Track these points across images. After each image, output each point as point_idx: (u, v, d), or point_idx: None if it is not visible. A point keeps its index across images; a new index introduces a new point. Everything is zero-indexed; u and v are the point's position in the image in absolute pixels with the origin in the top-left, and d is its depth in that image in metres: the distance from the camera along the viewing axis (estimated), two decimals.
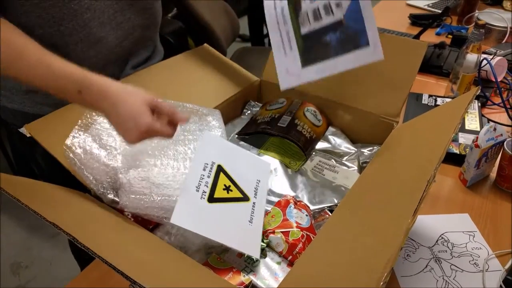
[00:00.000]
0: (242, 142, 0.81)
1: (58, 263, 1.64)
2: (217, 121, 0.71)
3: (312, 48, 0.68)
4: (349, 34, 0.65)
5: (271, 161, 0.74)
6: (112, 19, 0.77)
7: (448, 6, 1.14)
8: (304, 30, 0.68)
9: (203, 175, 0.58)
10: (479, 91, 1.10)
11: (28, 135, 0.66)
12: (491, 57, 1.15)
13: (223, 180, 0.59)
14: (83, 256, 1.14)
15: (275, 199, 0.68)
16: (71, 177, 0.64)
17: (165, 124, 0.57)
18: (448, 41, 1.47)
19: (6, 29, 0.61)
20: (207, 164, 0.60)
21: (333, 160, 0.77)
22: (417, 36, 1.24)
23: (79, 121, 0.65)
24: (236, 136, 0.82)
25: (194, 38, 2.42)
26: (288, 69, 0.69)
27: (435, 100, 1.09)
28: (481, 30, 1.00)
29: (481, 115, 1.01)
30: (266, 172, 0.68)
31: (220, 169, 0.60)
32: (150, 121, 0.56)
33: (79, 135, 0.64)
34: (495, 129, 0.80)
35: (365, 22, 0.64)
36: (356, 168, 0.75)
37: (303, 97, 0.86)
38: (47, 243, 1.72)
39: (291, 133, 0.76)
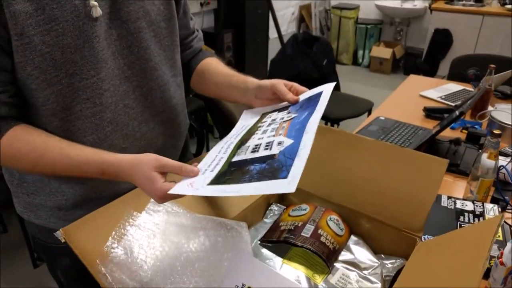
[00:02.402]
0: (264, 250, 0.82)
1: None
2: (244, 235, 0.73)
3: (231, 173, 0.63)
4: (274, 167, 0.60)
5: (294, 273, 0.75)
6: (136, 131, 0.81)
7: (463, 111, 1.19)
8: (236, 158, 0.67)
9: None
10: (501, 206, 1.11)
11: (62, 240, 0.68)
12: (508, 160, 1.18)
13: None
14: None
15: None
16: None
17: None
18: (463, 136, 1.51)
19: (27, 132, 0.69)
20: (238, 286, 0.61)
21: (356, 273, 0.77)
22: (434, 135, 1.29)
23: (113, 232, 0.68)
24: (259, 242, 0.83)
25: (213, 116, 2.53)
26: (192, 183, 0.64)
27: (455, 203, 1.10)
28: (497, 138, 1.04)
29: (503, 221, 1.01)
30: None
31: None
32: (161, 186, 0.62)
33: (113, 248, 0.66)
34: None
35: (296, 160, 0.59)
36: (379, 284, 0.75)
37: (325, 204, 0.88)
38: None
39: (315, 245, 0.77)
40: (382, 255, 0.83)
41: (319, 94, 0.76)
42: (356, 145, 0.88)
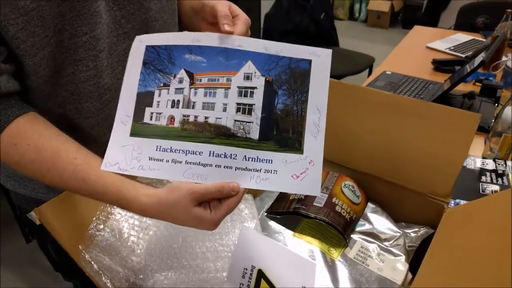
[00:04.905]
0: (272, 222, 0.73)
1: None
2: (249, 209, 0.63)
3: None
4: (291, 75, 0.52)
5: (308, 248, 0.67)
6: None
7: (484, 60, 1.07)
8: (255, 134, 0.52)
9: (243, 284, 0.50)
10: None
11: (37, 223, 0.59)
12: None
13: None
14: None
15: None
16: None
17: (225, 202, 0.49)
18: (476, 89, 1.41)
19: (35, 130, 0.54)
20: (247, 269, 0.52)
21: (376, 245, 0.69)
22: (450, 89, 1.18)
23: (97, 212, 0.58)
24: (266, 214, 0.74)
25: None
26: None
27: (475, 162, 1.01)
28: None
29: None
30: (311, 275, 0.60)
31: (261, 275, 0.53)
32: (209, 219, 0.48)
33: (98, 230, 0.56)
34: None
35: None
36: (403, 256, 0.67)
37: (338, 169, 0.78)
38: None
39: (329, 215, 0.69)
40: (403, 223, 0.75)
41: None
42: (370, 100, 0.77)
